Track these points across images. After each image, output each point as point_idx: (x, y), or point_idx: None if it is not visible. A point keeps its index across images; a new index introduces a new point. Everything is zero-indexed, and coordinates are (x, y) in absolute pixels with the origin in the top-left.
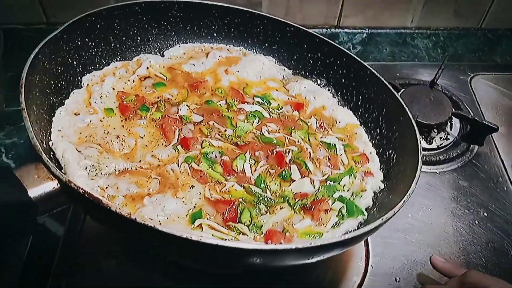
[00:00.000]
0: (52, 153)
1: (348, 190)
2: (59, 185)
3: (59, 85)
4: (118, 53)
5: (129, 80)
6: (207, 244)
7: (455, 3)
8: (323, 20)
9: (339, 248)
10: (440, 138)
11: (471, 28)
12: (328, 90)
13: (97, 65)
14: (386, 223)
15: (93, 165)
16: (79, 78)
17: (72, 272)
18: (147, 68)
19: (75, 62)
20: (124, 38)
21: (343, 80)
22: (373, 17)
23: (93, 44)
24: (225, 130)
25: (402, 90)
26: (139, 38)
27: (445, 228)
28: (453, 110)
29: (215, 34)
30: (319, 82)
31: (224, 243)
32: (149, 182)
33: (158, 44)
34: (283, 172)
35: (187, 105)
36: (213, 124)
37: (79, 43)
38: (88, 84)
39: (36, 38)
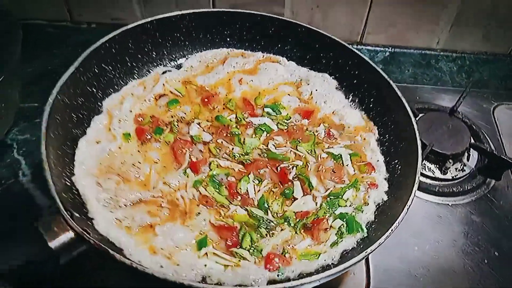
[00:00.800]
0: (75, 190)
1: (350, 205)
2: (75, 234)
3: (80, 116)
4: (135, 71)
5: (145, 100)
6: None
7: (485, 27)
8: (346, 36)
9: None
10: (456, 169)
11: (500, 53)
12: (339, 90)
13: (116, 87)
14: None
15: (111, 198)
16: (99, 104)
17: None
18: (163, 84)
19: (94, 90)
20: (139, 56)
21: (355, 81)
22: (398, 35)
23: (110, 67)
24: (233, 149)
25: (420, 115)
26: (154, 53)
27: (452, 265)
28: (472, 140)
29: (228, 39)
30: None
31: None
32: (160, 211)
33: (173, 55)
34: (286, 191)
35: (198, 124)
36: (222, 142)
37: (96, 70)
38: (107, 109)
39: (59, 35)
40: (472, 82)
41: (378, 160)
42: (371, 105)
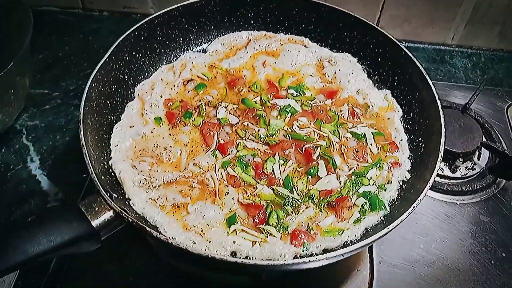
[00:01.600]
0: (112, 172)
1: (373, 184)
2: (114, 213)
3: (114, 102)
4: (164, 57)
5: (174, 85)
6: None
7: (502, 24)
8: None
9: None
10: (466, 167)
11: None
12: (363, 69)
13: (146, 73)
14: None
15: (145, 179)
16: (131, 90)
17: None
18: (190, 69)
19: (126, 77)
20: (167, 42)
21: (379, 59)
22: (412, 31)
23: (140, 55)
24: (258, 130)
25: None
26: (181, 39)
27: (458, 264)
28: (484, 139)
29: (252, 22)
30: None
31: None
32: (191, 190)
33: (199, 40)
34: (310, 170)
35: (225, 107)
36: (248, 124)
37: (127, 58)
38: (139, 94)
39: (70, 22)
40: (486, 79)
41: (401, 140)
42: (395, 84)
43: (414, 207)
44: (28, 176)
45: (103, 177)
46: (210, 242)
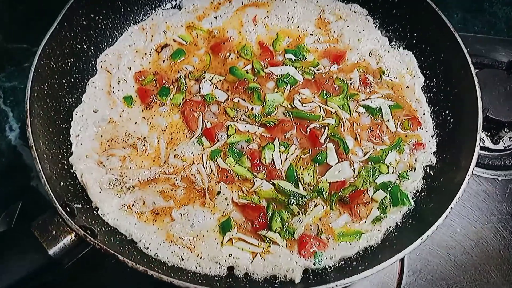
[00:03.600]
0: (74, 174)
1: (393, 171)
2: (76, 236)
3: (72, 80)
4: (131, 17)
5: (145, 54)
6: None
7: None
8: None
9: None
10: (510, 138)
11: None
12: (375, 24)
13: (110, 40)
14: None
15: (116, 179)
16: (92, 62)
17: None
18: (164, 32)
19: (85, 46)
20: None
21: (393, 12)
22: None
23: (101, 17)
24: (252, 108)
25: None
26: None
27: (500, 250)
28: None
29: None
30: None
31: None
32: (174, 191)
33: None
34: (317, 157)
35: (209, 80)
36: (239, 101)
37: (84, 22)
38: (102, 67)
39: None
40: None
41: (424, 113)
42: (414, 42)
43: (451, 208)
44: (8, 147)
45: (62, 183)
46: (201, 258)
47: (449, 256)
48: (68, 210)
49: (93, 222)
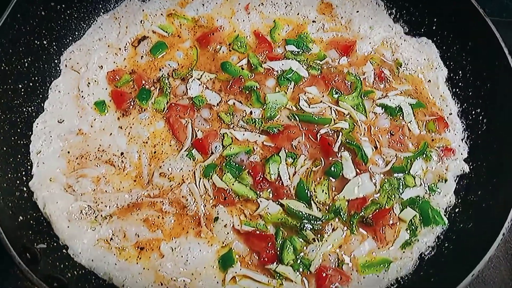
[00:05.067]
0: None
1: (421, 184)
2: None
3: (31, 84)
4: (100, 5)
5: (119, 49)
6: None
7: None
8: None
9: None
10: None
11: None
12: (388, 9)
13: (76, 33)
14: None
15: (89, 207)
16: (55, 61)
17: None
18: (141, 22)
19: (45, 42)
20: None
21: None
22: None
23: (63, 5)
24: (251, 112)
25: None
26: None
27: None
28: None
29: None
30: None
31: None
32: (161, 218)
33: None
34: (331, 169)
35: (197, 78)
36: (234, 104)
37: (43, 13)
38: (67, 66)
39: None
40: None
41: (451, 113)
42: (434, 28)
43: (503, 234)
44: None
45: (20, 218)
46: None
47: None
48: (29, 256)
49: (62, 266)
